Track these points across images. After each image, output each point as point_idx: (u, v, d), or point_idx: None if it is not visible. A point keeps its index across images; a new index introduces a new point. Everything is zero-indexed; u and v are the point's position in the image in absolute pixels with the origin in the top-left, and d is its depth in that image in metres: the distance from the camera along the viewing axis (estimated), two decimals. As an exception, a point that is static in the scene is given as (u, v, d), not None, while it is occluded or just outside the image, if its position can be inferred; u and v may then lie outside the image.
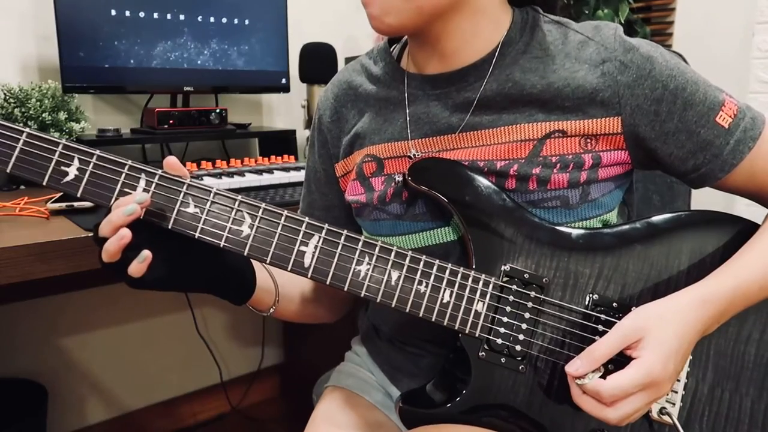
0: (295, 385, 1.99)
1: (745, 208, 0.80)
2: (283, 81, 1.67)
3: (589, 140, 0.70)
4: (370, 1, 0.68)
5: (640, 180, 1.14)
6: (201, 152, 1.68)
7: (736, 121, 0.70)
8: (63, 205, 1.01)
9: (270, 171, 1.35)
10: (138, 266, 0.59)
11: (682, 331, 0.63)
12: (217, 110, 1.53)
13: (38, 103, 1.28)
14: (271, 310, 0.78)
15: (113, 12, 1.36)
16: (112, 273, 0.60)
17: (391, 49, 0.82)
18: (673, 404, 0.70)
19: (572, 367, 0.62)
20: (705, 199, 1.22)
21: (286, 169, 1.37)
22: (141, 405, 1.80)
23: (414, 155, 0.75)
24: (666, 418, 0.69)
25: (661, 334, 0.62)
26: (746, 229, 0.72)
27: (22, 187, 1.29)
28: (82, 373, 1.67)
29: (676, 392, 0.70)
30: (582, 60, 0.70)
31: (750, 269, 0.67)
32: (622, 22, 1.93)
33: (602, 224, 0.74)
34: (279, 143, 1.61)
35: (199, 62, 1.52)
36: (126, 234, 0.58)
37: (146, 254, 0.59)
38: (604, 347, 0.62)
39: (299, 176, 1.33)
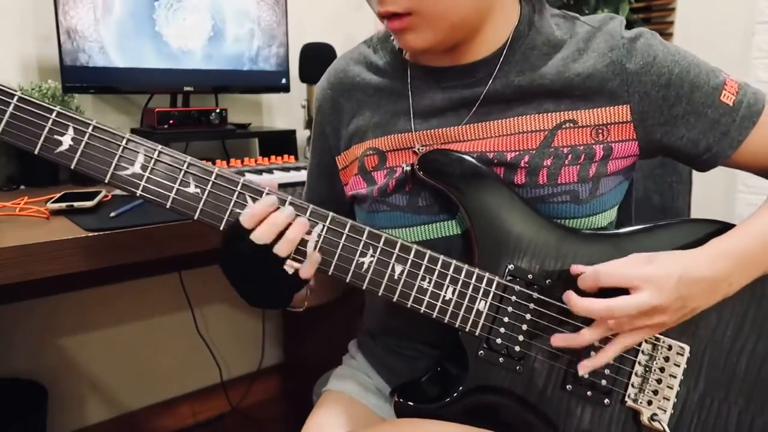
0: (295, 385, 1.99)
1: (745, 209, 0.80)
2: (283, 81, 1.67)
3: (600, 130, 0.70)
4: (398, 29, 0.66)
5: (640, 180, 1.14)
6: (201, 152, 1.67)
7: (739, 97, 0.71)
8: (63, 205, 1.01)
9: (270, 171, 1.35)
10: (307, 270, 0.63)
11: (685, 262, 0.64)
12: (217, 110, 1.53)
13: (38, 103, 1.28)
14: (306, 304, 0.77)
15: (113, 12, 1.36)
16: (259, 255, 0.61)
17: (392, 38, 0.80)
18: (664, 411, 0.70)
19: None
20: (705, 197, 1.22)
21: (286, 169, 1.37)
22: (141, 405, 1.80)
23: (419, 149, 0.74)
24: (657, 424, 0.70)
25: (664, 262, 0.65)
26: None
27: (22, 187, 1.29)
28: (82, 373, 1.67)
29: (668, 400, 0.70)
30: (591, 50, 0.70)
31: (751, 235, 0.68)
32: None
33: (607, 222, 0.74)
34: (279, 143, 1.61)
35: (199, 62, 1.52)
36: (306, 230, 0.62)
37: (317, 257, 0.63)
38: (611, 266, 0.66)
39: (299, 176, 1.32)
